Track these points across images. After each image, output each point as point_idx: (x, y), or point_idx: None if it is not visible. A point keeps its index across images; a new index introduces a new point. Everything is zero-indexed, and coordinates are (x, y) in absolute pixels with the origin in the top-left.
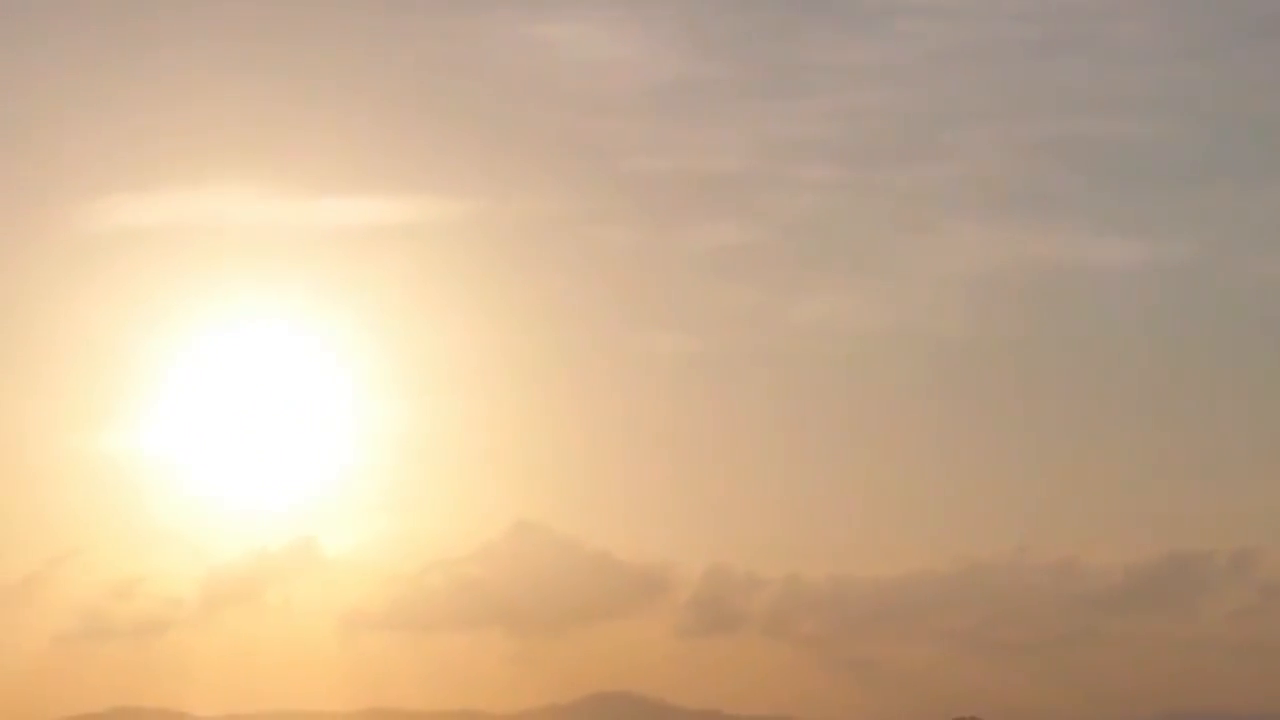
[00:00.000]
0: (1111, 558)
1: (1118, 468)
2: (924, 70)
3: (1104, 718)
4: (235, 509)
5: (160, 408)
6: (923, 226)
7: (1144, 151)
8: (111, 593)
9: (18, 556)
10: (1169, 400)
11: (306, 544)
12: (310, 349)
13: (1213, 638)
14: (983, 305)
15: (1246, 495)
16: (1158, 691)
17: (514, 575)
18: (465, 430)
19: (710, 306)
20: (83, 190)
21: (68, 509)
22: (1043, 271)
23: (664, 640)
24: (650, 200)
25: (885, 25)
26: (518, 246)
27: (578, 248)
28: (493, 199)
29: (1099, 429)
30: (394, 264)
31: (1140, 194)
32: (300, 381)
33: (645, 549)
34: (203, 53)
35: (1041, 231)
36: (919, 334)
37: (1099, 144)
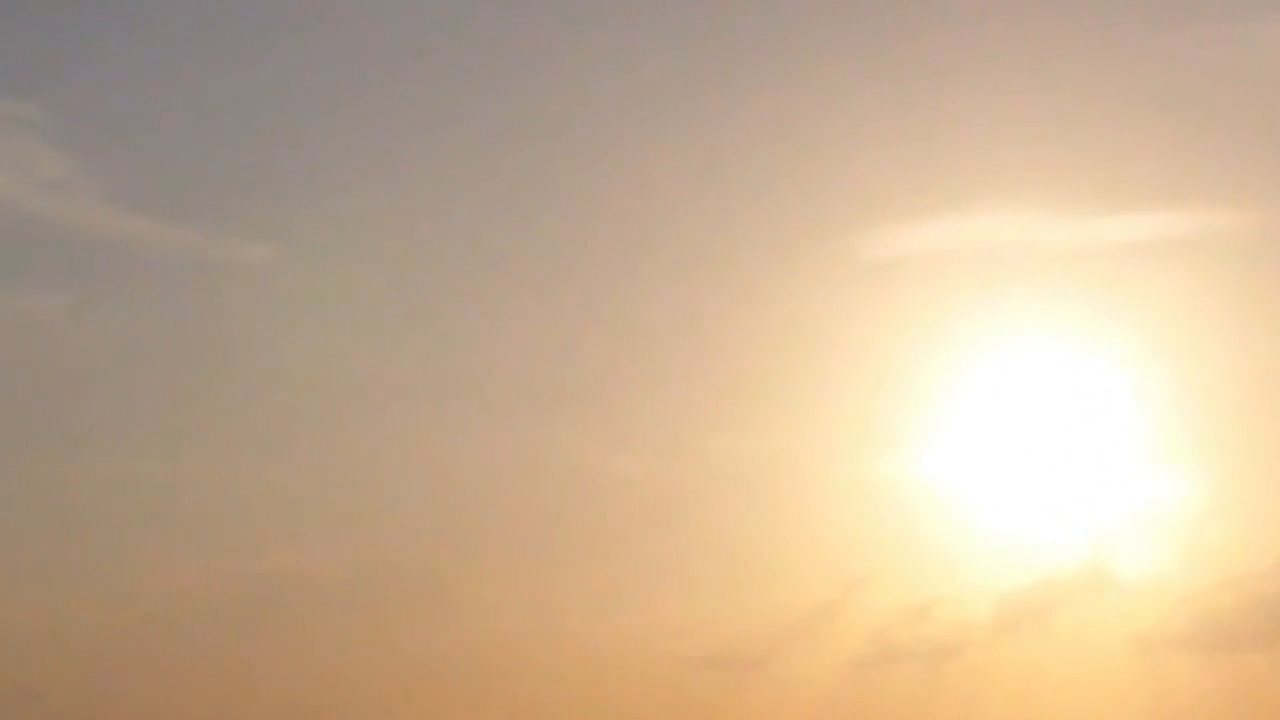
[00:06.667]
0: None
1: None
2: None
3: None
4: (1022, 533)
5: (941, 432)
6: None
7: None
8: (904, 617)
9: (813, 582)
10: None
11: (1097, 566)
12: (1093, 369)
13: None
14: None
15: None
16: None
17: None
18: (1258, 442)
19: None
20: (860, 219)
21: (856, 535)
22: None
23: None
24: None
25: None
26: None
27: None
28: (1274, 208)
29: None
30: (1176, 279)
31: None
32: (1084, 402)
33: None
34: (969, 79)
35: None
36: None
37: None
